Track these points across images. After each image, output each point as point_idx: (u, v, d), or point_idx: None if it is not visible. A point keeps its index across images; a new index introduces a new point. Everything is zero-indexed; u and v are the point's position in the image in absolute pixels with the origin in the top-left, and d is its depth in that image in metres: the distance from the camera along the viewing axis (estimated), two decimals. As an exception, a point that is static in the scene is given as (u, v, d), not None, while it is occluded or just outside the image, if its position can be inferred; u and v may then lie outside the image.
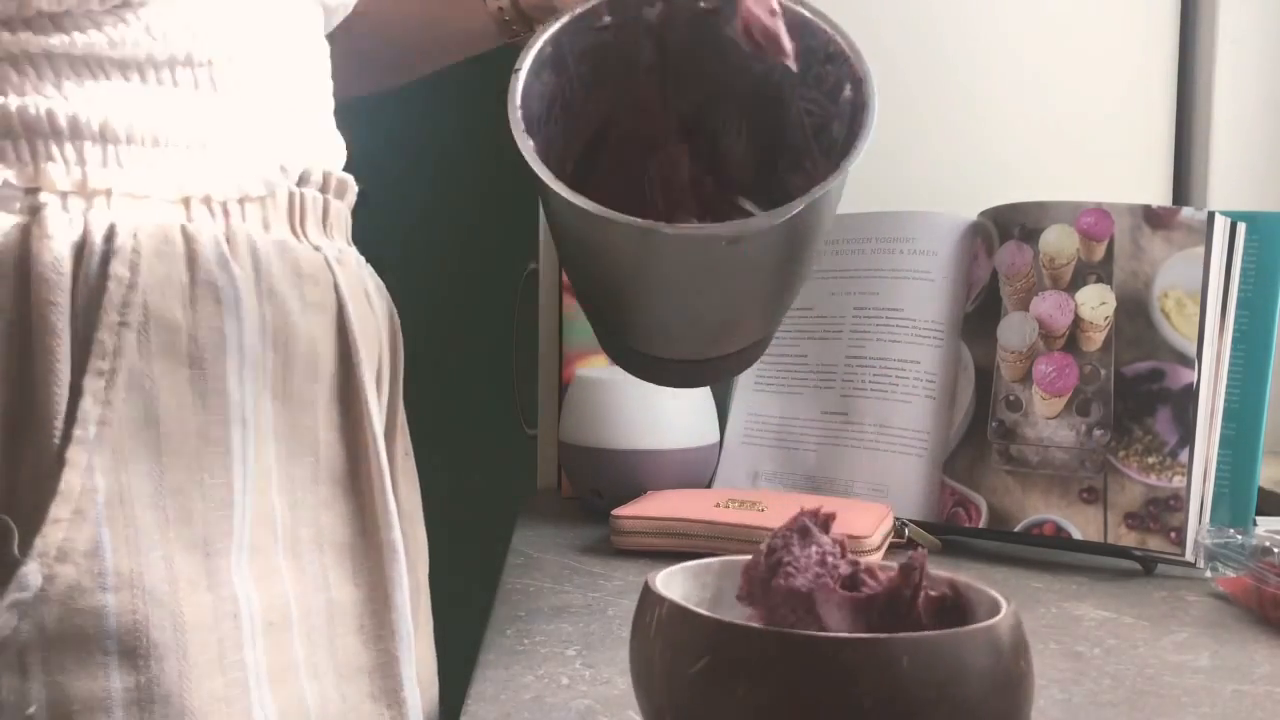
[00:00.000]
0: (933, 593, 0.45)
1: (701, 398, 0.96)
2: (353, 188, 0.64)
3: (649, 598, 0.44)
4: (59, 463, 0.46)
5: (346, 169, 0.64)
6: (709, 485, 0.98)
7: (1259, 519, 0.84)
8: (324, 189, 0.60)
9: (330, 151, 0.62)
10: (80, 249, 0.48)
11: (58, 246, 0.48)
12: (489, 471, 1.52)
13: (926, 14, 1.10)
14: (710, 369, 0.64)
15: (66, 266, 0.48)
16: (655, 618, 0.43)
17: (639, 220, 0.51)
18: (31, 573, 0.46)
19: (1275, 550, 0.71)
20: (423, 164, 1.65)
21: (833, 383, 0.97)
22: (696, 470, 0.95)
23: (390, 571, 0.58)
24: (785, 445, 0.98)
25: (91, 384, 0.47)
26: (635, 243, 0.53)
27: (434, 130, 1.64)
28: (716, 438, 0.97)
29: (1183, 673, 0.61)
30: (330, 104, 0.64)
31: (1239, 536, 0.75)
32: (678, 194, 0.63)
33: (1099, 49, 1.10)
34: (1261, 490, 0.86)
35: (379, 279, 0.66)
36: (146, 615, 0.47)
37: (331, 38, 0.65)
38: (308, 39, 0.60)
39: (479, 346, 1.60)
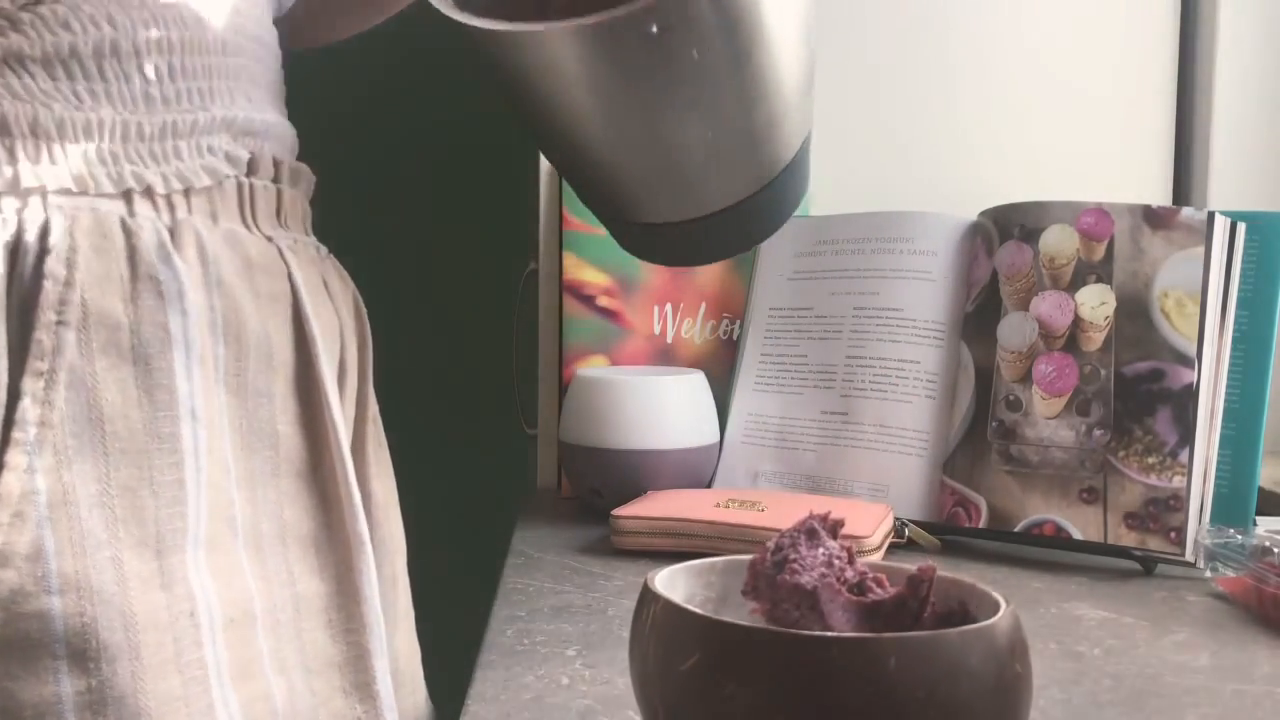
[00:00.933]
0: (940, 610, 0.45)
1: (701, 398, 0.96)
2: (308, 176, 0.63)
3: (646, 596, 0.44)
4: None
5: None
6: (709, 485, 0.98)
7: (1259, 519, 0.84)
8: (276, 178, 0.59)
9: (281, 140, 0.61)
10: (14, 248, 0.48)
11: None
12: (489, 471, 1.52)
13: (926, 14, 1.10)
14: (705, 235, 0.59)
15: (0, 267, 0.47)
16: (650, 615, 0.43)
17: (559, 23, 0.48)
18: None
19: (1275, 550, 0.71)
20: (421, 164, 1.65)
21: (833, 383, 0.97)
22: (696, 470, 0.95)
23: (358, 564, 0.58)
24: (785, 445, 0.98)
25: (30, 385, 0.47)
26: (563, 55, 0.50)
27: (433, 130, 1.64)
28: (716, 438, 0.97)
29: (1183, 673, 0.61)
30: (280, 91, 0.62)
31: (1239, 536, 0.75)
32: None
33: (1099, 49, 1.10)
34: (1261, 490, 0.86)
35: (342, 269, 0.65)
36: (95, 616, 0.46)
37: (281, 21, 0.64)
38: (250, 27, 0.59)
39: (479, 346, 1.60)
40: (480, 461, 1.54)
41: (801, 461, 0.96)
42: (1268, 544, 0.72)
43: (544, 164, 1.06)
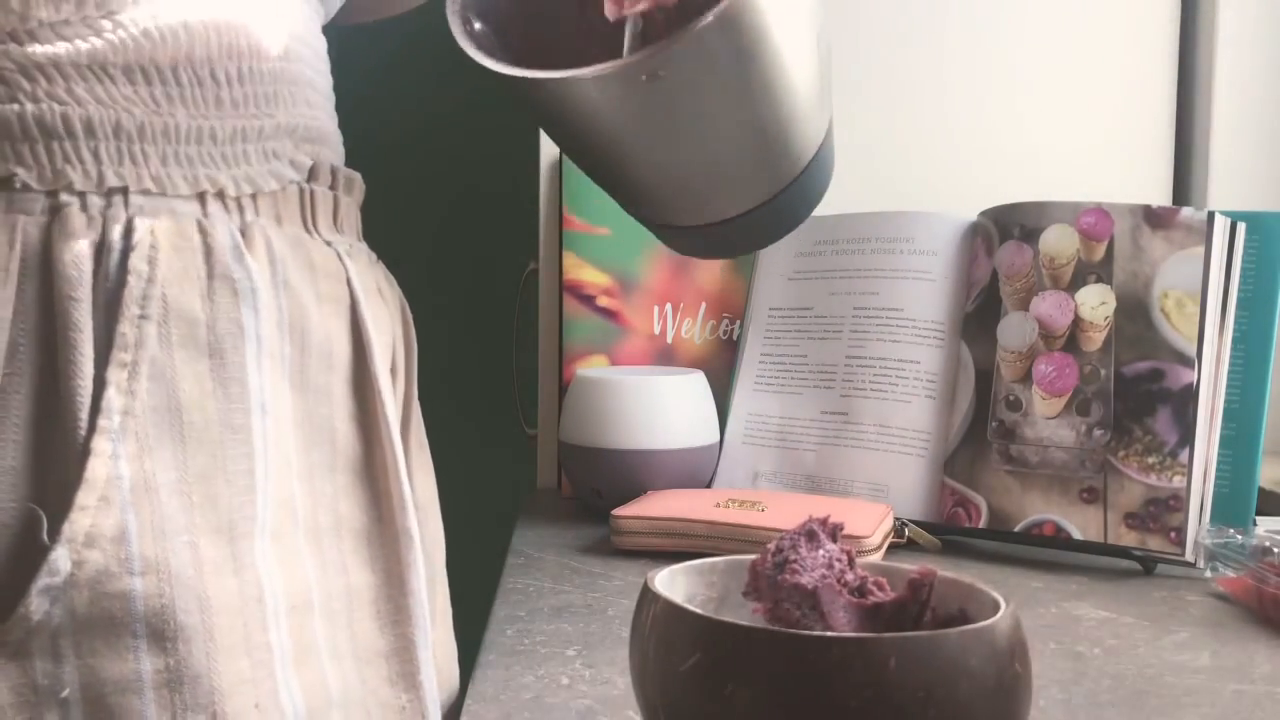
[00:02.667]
0: (940, 614, 0.45)
1: (701, 398, 0.96)
2: (360, 184, 0.65)
3: (646, 596, 0.44)
4: (85, 452, 0.48)
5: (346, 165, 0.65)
6: (709, 485, 0.98)
7: (1259, 519, 0.84)
8: (333, 185, 0.61)
9: (335, 148, 0.63)
10: (100, 246, 0.50)
11: (78, 245, 0.49)
12: (489, 471, 1.52)
13: (926, 14, 1.10)
14: (722, 236, 0.63)
15: (87, 264, 0.49)
16: (650, 615, 0.43)
17: (557, 73, 0.52)
18: (61, 558, 0.47)
19: (1275, 550, 0.71)
20: (422, 162, 1.65)
21: (833, 383, 0.97)
22: (696, 470, 0.95)
23: (406, 558, 0.60)
24: (785, 445, 0.98)
25: (115, 375, 0.49)
26: (572, 98, 0.54)
27: (433, 128, 1.64)
28: (716, 438, 0.97)
29: (1183, 673, 0.61)
30: (332, 98, 0.64)
31: (1239, 536, 0.75)
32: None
33: (1099, 49, 1.10)
34: (1261, 490, 0.86)
35: (389, 274, 0.68)
36: (173, 598, 0.48)
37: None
38: (306, 35, 0.61)
39: (479, 346, 1.60)
40: (480, 461, 1.54)
41: (801, 461, 0.96)
42: (1268, 544, 0.72)
43: (544, 163, 1.06)
